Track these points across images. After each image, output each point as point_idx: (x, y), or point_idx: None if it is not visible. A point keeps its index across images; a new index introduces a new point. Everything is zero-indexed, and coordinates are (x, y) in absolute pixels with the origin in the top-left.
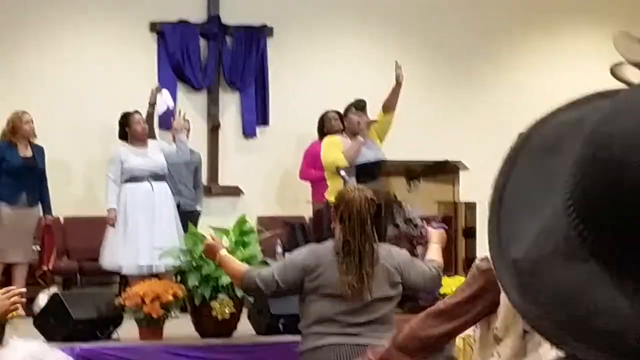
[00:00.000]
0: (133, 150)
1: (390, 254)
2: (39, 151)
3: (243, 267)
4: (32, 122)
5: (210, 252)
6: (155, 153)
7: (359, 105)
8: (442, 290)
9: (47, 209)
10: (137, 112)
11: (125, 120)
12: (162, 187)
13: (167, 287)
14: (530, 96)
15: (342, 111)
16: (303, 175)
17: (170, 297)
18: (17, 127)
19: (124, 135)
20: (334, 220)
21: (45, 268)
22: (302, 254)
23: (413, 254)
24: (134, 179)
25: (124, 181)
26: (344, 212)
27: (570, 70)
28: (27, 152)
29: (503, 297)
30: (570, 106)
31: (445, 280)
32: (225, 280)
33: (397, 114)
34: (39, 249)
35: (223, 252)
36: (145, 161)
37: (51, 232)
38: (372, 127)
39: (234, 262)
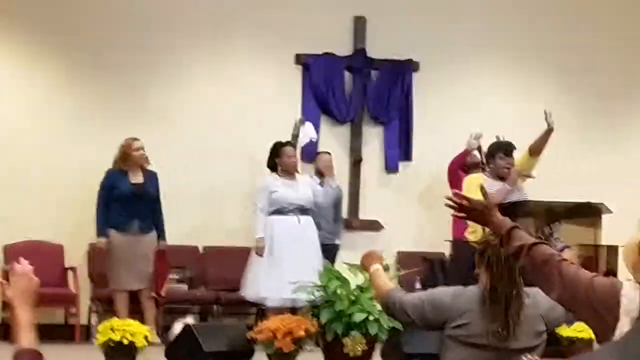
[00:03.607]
0: (283, 181)
1: (536, 301)
2: (151, 177)
3: (388, 285)
4: (143, 149)
5: (364, 263)
6: (304, 187)
7: (508, 151)
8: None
9: (160, 234)
10: (289, 143)
11: (277, 151)
12: (309, 221)
13: (300, 322)
14: None
15: (486, 148)
16: (453, 171)
17: (302, 333)
18: (127, 155)
19: (272, 164)
20: (479, 265)
21: (154, 294)
22: (448, 297)
23: None
24: (281, 211)
25: (271, 212)
26: (491, 257)
27: None
28: (138, 179)
29: (621, 327)
30: None
31: (565, 329)
32: (358, 317)
33: None
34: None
35: (377, 266)
36: (295, 194)
37: (164, 258)
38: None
39: (382, 278)
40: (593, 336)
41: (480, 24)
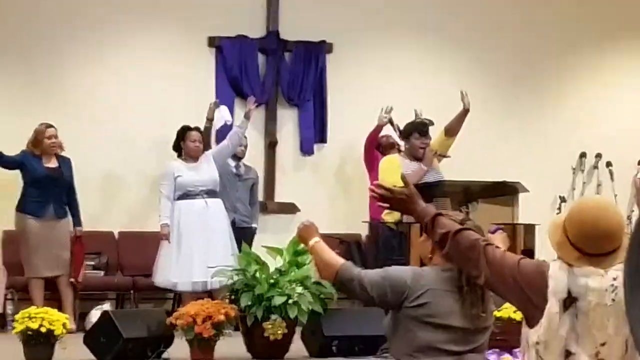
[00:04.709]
0: (186, 165)
1: None
2: (65, 163)
3: (338, 260)
4: (56, 137)
5: (303, 236)
6: (208, 169)
7: (423, 130)
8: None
9: (76, 220)
10: (197, 128)
11: (183, 135)
12: (217, 204)
13: (219, 307)
14: (594, 119)
15: (403, 126)
16: (368, 149)
17: (222, 317)
18: (39, 141)
19: (177, 147)
20: (435, 249)
21: (72, 281)
22: (409, 276)
23: None
24: (187, 195)
25: (177, 198)
26: None
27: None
28: (52, 163)
29: (549, 308)
30: None
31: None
32: (278, 300)
33: None
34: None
35: (316, 239)
36: (199, 177)
37: (81, 244)
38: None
39: (328, 252)
40: (514, 316)
41: (392, 4)
